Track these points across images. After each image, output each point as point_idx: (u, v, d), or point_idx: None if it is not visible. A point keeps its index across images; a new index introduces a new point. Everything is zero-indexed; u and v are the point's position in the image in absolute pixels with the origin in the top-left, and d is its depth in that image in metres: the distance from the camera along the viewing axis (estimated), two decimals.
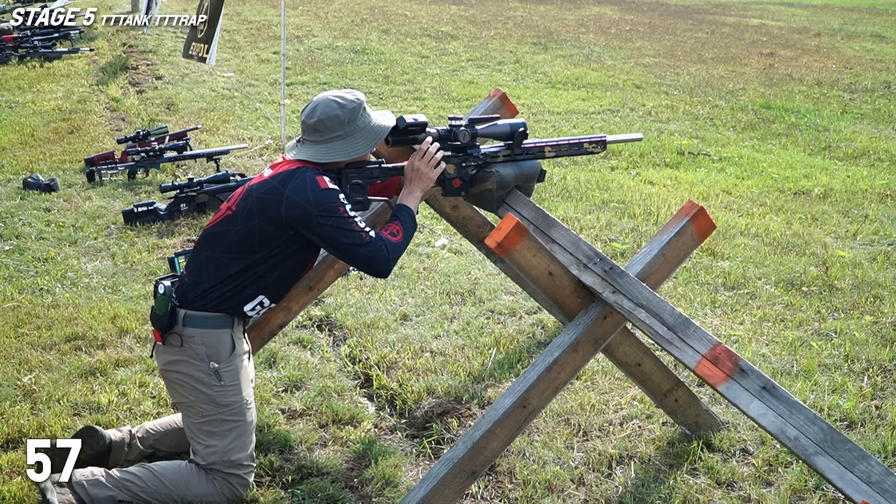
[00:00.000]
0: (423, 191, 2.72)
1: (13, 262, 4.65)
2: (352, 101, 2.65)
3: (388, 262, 2.57)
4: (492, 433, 2.38)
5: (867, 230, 5.41)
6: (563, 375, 2.41)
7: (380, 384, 3.46)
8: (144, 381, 3.40)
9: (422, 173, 2.69)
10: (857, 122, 9.04)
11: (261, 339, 3.18)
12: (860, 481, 2.04)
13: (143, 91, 9.15)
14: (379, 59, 11.40)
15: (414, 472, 2.93)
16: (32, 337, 3.76)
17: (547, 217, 2.63)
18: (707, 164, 7.13)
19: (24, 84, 9.45)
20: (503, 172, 2.74)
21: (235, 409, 2.65)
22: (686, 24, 16.67)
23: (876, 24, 17.92)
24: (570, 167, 6.76)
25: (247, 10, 15.22)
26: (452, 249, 4.95)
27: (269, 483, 2.82)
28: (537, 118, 8.53)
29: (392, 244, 2.58)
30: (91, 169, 6.14)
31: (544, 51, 12.60)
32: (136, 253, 4.82)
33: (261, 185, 2.64)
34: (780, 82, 11.08)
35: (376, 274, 2.59)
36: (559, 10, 17.38)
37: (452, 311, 4.12)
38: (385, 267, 2.57)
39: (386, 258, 2.56)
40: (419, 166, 2.69)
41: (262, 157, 6.83)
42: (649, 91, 10.19)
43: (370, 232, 2.57)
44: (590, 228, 5.28)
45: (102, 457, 2.77)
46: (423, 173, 2.69)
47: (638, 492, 2.78)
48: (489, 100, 3.14)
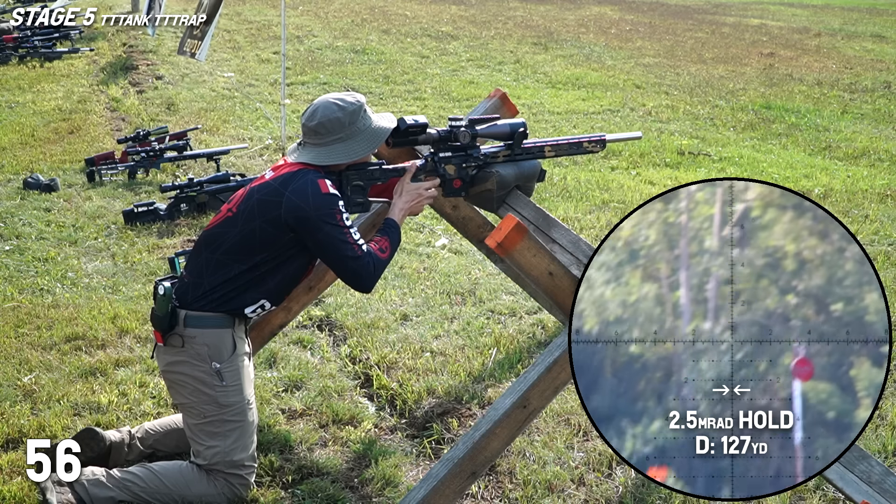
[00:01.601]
0: (410, 212, 2.76)
1: (13, 262, 4.65)
2: (352, 103, 2.65)
3: (372, 280, 2.59)
4: (492, 433, 2.38)
5: (867, 230, 5.41)
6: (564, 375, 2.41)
7: (380, 384, 3.46)
8: (145, 382, 3.40)
9: (412, 205, 2.73)
10: (857, 123, 9.04)
11: (261, 339, 3.19)
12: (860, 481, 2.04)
13: (143, 91, 9.15)
14: (379, 59, 11.40)
15: (414, 472, 2.93)
16: (32, 337, 3.76)
17: (547, 217, 2.63)
18: (707, 165, 7.13)
19: (25, 84, 9.45)
20: (503, 172, 2.74)
21: (237, 409, 2.65)
22: (686, 24, 16.67)
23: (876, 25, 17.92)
24: (570, 167, 6.76)
25: (247, 10, 15.22)
26: (452, 249, 4.95)
27: (270, 483, 2.82)
28: (537, 118, 8.53)
29: (379, 261, 2.60)
30: (91, 169, 6.14)
31: (544, 51, 12.60)
32: (137, 253, 4.82)
33: (262, 187, 2.64)
34: (781, 82, 11.08)
35: (359, 289, 2.61)
36: (559, 10, 17.38)
37: (452, 311, 4.12)
38: (369, 284, 2.59)
39: (371, 275, 2.58)
40: (423, 193, 2.72)
41: (262, 158, 6.83)
42: (649, 91, 10.19)
43: (363, 245, 2.58)
44: (590, 228, 5.28)
45: (102, 458, 2.77)
46: (413, 206, 2.73)
47: (638, 492, 2.78)
48: (489, 100, 3.14)
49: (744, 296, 2.06)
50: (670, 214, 2.09)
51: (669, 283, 2.09)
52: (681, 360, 2.09)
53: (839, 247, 2.02)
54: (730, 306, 2.06)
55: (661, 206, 2.10)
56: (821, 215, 2.04)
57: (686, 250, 2.08)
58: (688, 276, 2.08)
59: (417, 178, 2.74)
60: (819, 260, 2.03)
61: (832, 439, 2.03)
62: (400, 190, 2.73)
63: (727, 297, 2.06)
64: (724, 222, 2.07)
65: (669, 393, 2.08)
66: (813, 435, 2.03)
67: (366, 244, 2.60)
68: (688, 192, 2.09)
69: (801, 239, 2.04)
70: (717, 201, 2.08)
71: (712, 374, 2.07)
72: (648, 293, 2.09)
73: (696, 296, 2.08)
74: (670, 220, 2.09)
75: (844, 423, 2.03)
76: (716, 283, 2.07)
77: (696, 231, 2.08)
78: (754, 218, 2.06)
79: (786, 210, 2.04)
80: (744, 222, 2.06)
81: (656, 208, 2.10)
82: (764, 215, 2.05)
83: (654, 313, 2.09)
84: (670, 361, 2.09)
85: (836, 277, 2.02)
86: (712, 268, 2.07)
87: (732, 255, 2.06)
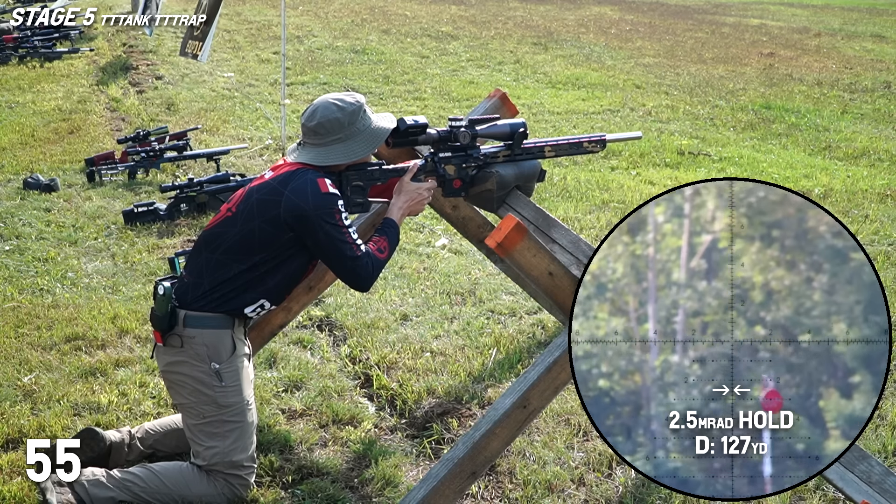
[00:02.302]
0: (410, 211, 2.76)
1: (13, 262, 4.65)
2: (352, 103, 2.65)
3: (370, 280, 2.60)
4: (492, 433, 2.38)
5: (867, 230, 5.41)
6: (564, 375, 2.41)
7: (380, 384, 3.46)
8: (144, 382, 3.40)
9: (411, 205, 2.73)
10: (857, 123, 9.04)
11: (261, 339, 3.18)
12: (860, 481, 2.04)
13: (143, 91, 9.15)
14: (379, 59, 11.40)
15: (414, 472, 2.93)
16: (32, 337, 3.76)
17: (547, 217, 2.63)
18: (707, 165, 7.13)
19: (25, 84, 9.45)
20: (503, 173, 2.74)
21: (236, 409, 2.65)
22: (686, 24, 16.67)
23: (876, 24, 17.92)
24: (570, 167, 6.76)
25: (247, 10, 15.22)
26: (452, 249, 4.95)
27: (270, 483, 2.82)
28: (537, 118, 8.53)
29: (378, 261, 2.61)
30: (91, 169, 6.14)
31: (544, 51, 12.60)
32: (137, 253, 4.82)
33: (261, 187, 2.64)
34: (781, 82, 11.08)
35: (357, 288, 2.62)
36: (559, 10, 17.38)
37: (452, 312, 4.12)
38: (367, 284, 2.60)
39: (369, 276, 2.58)
40: (423, 194, 2.73)
41: (262, 158, 6.83)
42: (649, 91, 10.19)
43: (361, 246, 2.58)
44: (590, 228, 5.28)
45: (102, 458, 2.77)
46: (413, 206, 2.74)
47: (638, 492, 2.78)
48: (489, 100, 3.14)
49: (712, 327, 2.05)
50: (637, 247, 2.09)
51: (637, 317, 2.08)
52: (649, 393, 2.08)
53: (806, 277, 2.01)
54: (700, 337, 2.06)
55: (628, 238, 2.09)
56: (790, 245, 2.02)
57: (654, 283, 2.08)
58: (655, 309, 2.07)
59: (417, 178, 2.75)
60: (786, 291, 2.02)
61: (801, 472, 2.03)
62: (399, 189, 2.73)
63: (696, 329, 2.06)
64: (691, 254, 2.06)
65: (638, 427, 2.09)
66: (782, 468, 2.03)
67: (364, 244, 2.60)
68: (654, 223, 2.08)
69: (768, 270, 2.03)
70: (685, 233, 2.06)
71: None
72: (617, 326, 2.09)
73: (665, 329, 2.08)
74: (637, 252, 2.09)
75: (813, 456, 2.03)
76: (684, 315, 2.06)
77: (663, 264, 2.07)
78: (721, 249, 2.05)
79: (753, 241, 2.03)
80: (711, 254, 2.05)
81: (623, 241, 2.10)
82: (732, 245, 2.04)
83: (622, 347, 2.09)
84: (638, 395, 2.09)
85: (803, 308, 2.02)
86: (680, 300, 2.06)
87: (700, 286, 2.05)
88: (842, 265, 2.01)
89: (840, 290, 2.01)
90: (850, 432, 2.01)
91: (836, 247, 2.01)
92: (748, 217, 2.04)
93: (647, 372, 2.08)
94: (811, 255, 2.01)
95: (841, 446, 2.01)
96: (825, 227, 2.01)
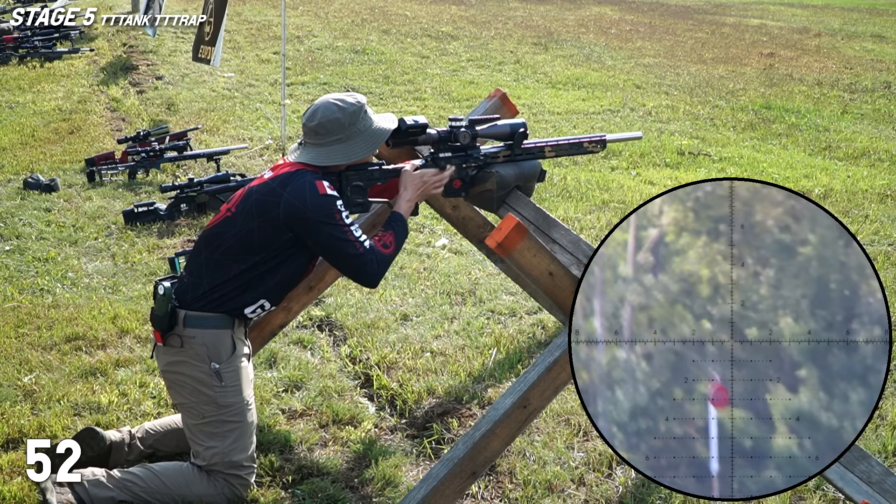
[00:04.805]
0: (419, 200, 2.75)
1: (13, 262, 4.65)
2: (352, 104, 2.65)
3: (377, 275, 2.59)
4: (492, 433, 2.38)
5: (867, 230, 5.41)
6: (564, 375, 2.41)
7: (380, 384, 3.46)
8: (145, 382, 3.40)
9: (426, 189, 2.72)
10: (857, 123, 9.04)
11: (261, 339, 3.19)
12: (860, 481, 2.05)
13: (143, 91, 9.16)
14: (379, 59, 11.40)
15: (414, 472, 2.93)
16: (33, 337, 3.76)
17: (547, 217, 2.63)
18: (707, 165, 7.13)
19: (25, 84, 9.45)
20: (503, 173, 2.74)
21: (236, 409, 2.65)
22: (686, 24, 16.67)
23: (876, 25, 17.92)
24: (570, 167, 6.76)
25: (247, 10, 15.22)
26: (453, 249, 4.95)
27: (270, 483, 2.82)
28: (537, 118, 8.53)
29: (383, 256, 2.60)
30: (91, 169, 6.14)
31: (544, 51, 12.60)
32: (137, 253, 4.82)
33: (261, 187, 2.64)
34: (781, 82, 11.09)
35: (364, 284, 2.62)
36: (559, 11, 17.38)
37: (453, 312, 4.12)
38: (374, 279, 2.60)
39: (375, 271, 2.58)
40: (428, 180, 2.70)
41: (262, 158, 6.84)
42: (649, 91, 10.19)
43: (364, 242, 2.58)
44: (590, 228, 5.28)
45: (103, 458, 2.77)
46: (426, 190, 2.72)
47: (638, 492, 2.78)
48: (489, 100, 3.14)
49: (659, 322, 2.03)
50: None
51: (584, 312, 2.07)
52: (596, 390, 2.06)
53: (754, 271, 1.99)
54: (646, 333, 2.04)
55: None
56: (738, 239, 2.00)
57: (601, 277, 2.06)
58: (602, 303, 2.06)
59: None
60: (733, 285, 2.01)
61: (750, 471, 2.01)
62: (405, 183, 2.72)
63: (643, 324, 2.04)
64: (638, 248, 2.05)
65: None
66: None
67: (368, 240, 2.60)
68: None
69: (714, 263, 2.01)
70: (631, 227, 2.04)
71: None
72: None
73: (610, 324, 2.06)
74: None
75: (761, 452, 2.01)
76: (631, 310, 2.05)
77: (609, 258, 2.06)
78: (668, 243, 2.03)
79: (699, 235, 2.01)
80: (658, 248, 2.03)
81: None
82: (678, 240, 2.02)
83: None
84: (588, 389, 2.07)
85: (750, 302, 2.00)
86: (627, 294, 2.05)
87: (647, 281, 2.03)
88: (789, 259, 1.98)
89: (787, 285, 1.98)
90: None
91: (784, 241, 1.98)
92: (694, 211, 2.02)
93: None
94: (758, 248, 1.99)
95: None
96: (772, 221, 1.99)
